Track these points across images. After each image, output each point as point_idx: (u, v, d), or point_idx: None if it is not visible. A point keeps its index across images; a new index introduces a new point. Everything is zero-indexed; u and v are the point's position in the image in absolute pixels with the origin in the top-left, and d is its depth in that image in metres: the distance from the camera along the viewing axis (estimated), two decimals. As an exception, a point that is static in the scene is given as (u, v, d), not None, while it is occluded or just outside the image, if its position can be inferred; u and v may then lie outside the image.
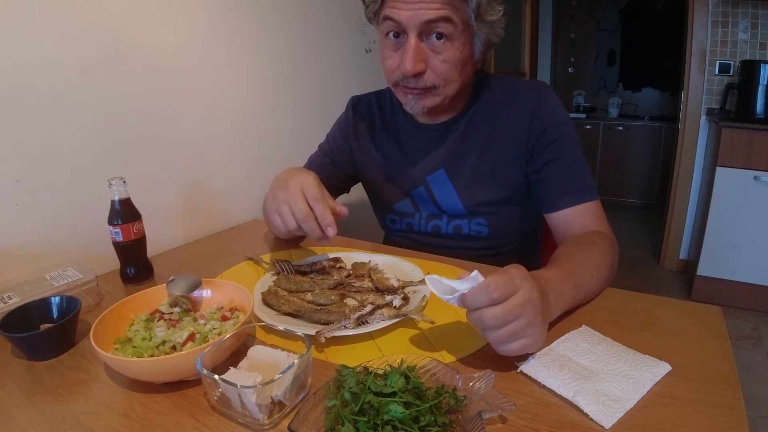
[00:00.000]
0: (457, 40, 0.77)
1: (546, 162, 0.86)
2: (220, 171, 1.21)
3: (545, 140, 0.86)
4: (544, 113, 0.86)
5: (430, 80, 0.80)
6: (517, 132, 0.87)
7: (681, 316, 0.68)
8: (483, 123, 0.91)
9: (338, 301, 0.72)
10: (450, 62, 0.79)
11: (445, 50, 0.78)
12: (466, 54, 0.81)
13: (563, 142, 0.86)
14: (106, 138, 0.94)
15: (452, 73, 0.80)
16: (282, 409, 0.50)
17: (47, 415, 0.53)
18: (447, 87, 0.82)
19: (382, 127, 1.02)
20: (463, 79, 0.83)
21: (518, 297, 0.53)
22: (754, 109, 2.27)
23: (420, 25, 0.75)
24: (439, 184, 0.94)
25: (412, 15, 0.74)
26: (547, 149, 0.86)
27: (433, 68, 0.79)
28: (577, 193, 0.84)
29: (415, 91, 0.82)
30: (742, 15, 2.36)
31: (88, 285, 0.78)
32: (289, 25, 1.37)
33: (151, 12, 0.99)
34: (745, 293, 2.34)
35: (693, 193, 2.68)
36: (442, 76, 0.80)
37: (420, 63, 0.78)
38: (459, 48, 0.78)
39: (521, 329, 0.53)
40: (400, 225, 1.03)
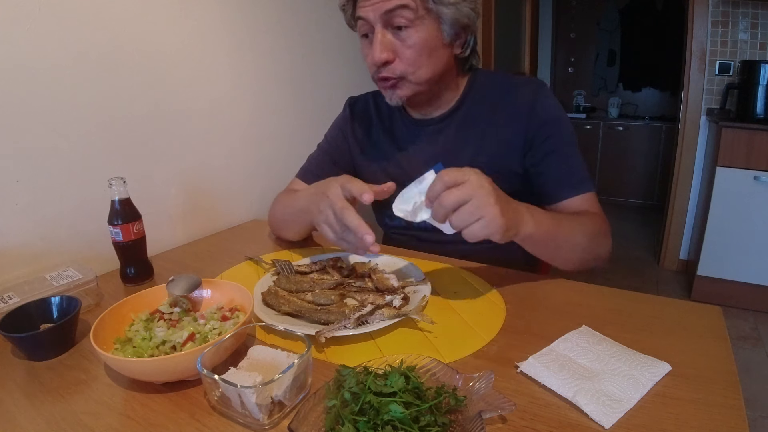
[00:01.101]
0: (419, 26, 0.80)
1: (544, 156, 0.88)
2: (220, 171, 1.21)
3: (543, 135, 0.88)
4: (542, 109, 0.88)
5: (399, 68, 0.83)
6: (515, 126, 0.89)
7: (681, 316, 0.68)
8: (479, 116, 0.92)
9: (338, 301, 0.72)
10: (415, 47, 0.81)
11: (409, 36, 0.80)
12: (433, 38, 0.82)
13: (561, 137, 0.88)
14: (107, 138, 0.94)
15: (420, 58, 0.82)
16: (282, 409, 0.50)
17: (47, 415, 0.53)
18: (417, 73, 0.84)
19: (379, 125, 1.03)
20: (435, 64, 0.84)
21: (470, 182, 0.62)
22: (754, 109, 2.26)
23: (382, 16, 0.79)
24: None
25: (374, 8, 0.79)
26: (545, 144, 0.88)
27: (400, 56, 0.82)
28: (575, 185, 0.87)
29: (389, 83, 0.85)
30: (742, 15, 2.36)
31: (88, 285, 0.78)
32: (288, 25, 1.37)
33: (151, 13, 0.99)
34: (745, 293, 2.34)
35: (693, 193, 2.67)
36: (410, 62, 0.82)
37: (386, 52, 0.81)
38: (422, 32, 0.80)
39: (476, 209, 0.61)
40: (399, 221, 1.02)
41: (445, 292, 0.78)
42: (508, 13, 3.23)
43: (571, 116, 4.18)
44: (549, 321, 0.68)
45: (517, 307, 0.73)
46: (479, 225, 0.62)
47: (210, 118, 1.16)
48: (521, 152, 0.90)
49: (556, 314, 0.70)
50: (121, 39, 0.94)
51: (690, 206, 2.70)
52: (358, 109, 1.06)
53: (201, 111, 1.14)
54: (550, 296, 0.76)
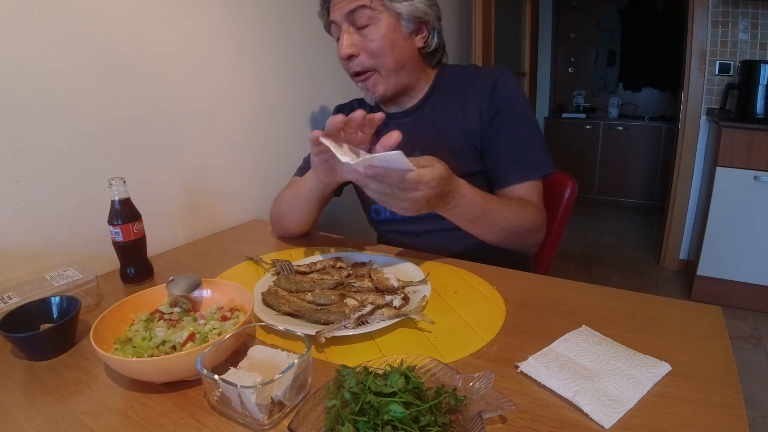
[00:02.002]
0: (379, 22, 0.89)
1: (495, 140, 0.94)
2: (220, 171, 1.21)
3: (498, 119, 0.93)
4: (503, 91, 0.94)
5: (365, 61, 0.91)
6: (478, 110, 0.95)
7: (681, 316, 0.68)
8: (447, 103, 0.99)
9: (338, 301, 0.72)
10: (377, 40, 0.89)
11: (371, 32, 0.89)
12: (392, 31, 0.90)
13: (515, 121, 0.93)
14: (107, 138, 0.94)
15: (383, 50, 0.90)
16: (282, 409, 0.50)
17: (47, 415, 0.53)
18: (384, 63, 0.91)
19: None
20: (398, 54, 0.92)
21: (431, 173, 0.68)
22: (754, 109, 2.26)
23: (346, 17, 0.88)
24: None
25: (339, 10, 0.89)
26: (497, 128, 0.94)
27: (365, 50, 0.90)
28: (519, 172, 0.93)
29: (361, 77, 0.94)
30: (742, 15, 2.36)
31: (88, 285, 0.78)
32: (289, 26, 1.37)
33: (151, 12, 0.99)
34: (745, 293, 2.34)
35: (693, 193, 2.67)
36: (374, 54, 0.90)
37: (351, 47, 0.90)
38: (383, 28, 0.89)
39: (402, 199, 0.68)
40: (385, 214, 1.07)
41: (445, 292, 0.78)
42: (508, 13, 3.23)
43: (571, 116, 4.21)
44: (549, 321, 0.68)
45: (517, 307, 0.73)
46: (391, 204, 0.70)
47: (210, 118, 1.16)
48: (481, 131, 0.95)
49: (556, 314, 0.70)
50: (121, 39, 0.94)
51: (690, 206, 2.70)
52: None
53: (201, 111, 1.14)
54: (550, 296, 0.76)
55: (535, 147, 0.93)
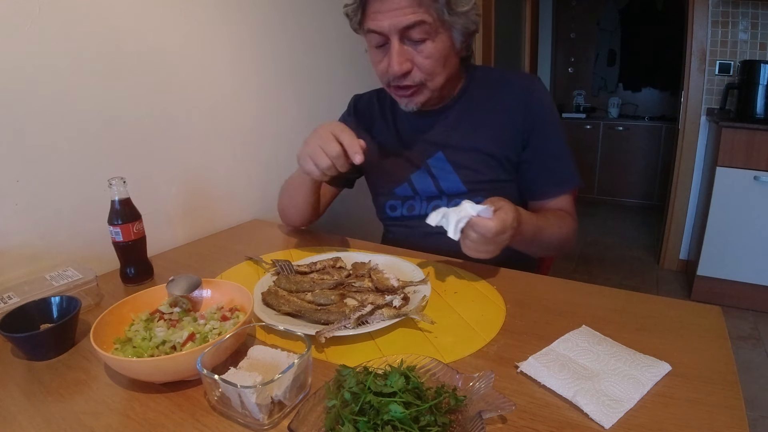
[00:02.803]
0: (435, 37, 0.84)
1: (535, 153, 0.95)
2: (220, 171, 1.21)
3: (537, 131, 0.94)
4: (538, 104, 0.94)
5: (417, 77, 0.87)
6: (512, 118, 0.94)
7: (681, 316, 0.68)
8: (477, 106, 0.98)
9: (338, 301, 0.72)
10: (432, 57, 0.85)
11: (426, 48, 0.84)
12: (447, 47, 0.87)
13: (551, 134, 0.95)
14: (107, 138, 0.94)
15: (437, 67, 0.87)
16: (282, 409, 0.50)
17: (47, 415, 0.53)
18: (434, 80, 0.89)
19: (381, 118, 1.08)
20: (447, 70, 0.90)
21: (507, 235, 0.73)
22: (754, 109, 2.26)
23: (399, 31, 0.82)
24: (439, 166, 0.99)
25: (391, 23, 0.81)
26: (536, 141, 0.94)
27: (418, 65, 0.86)
28: (557, 185, 0.96)
29: (407, 92, 0.90)
30: (742, 15, 2.36)
31: (88, 285, 0.78)
32: (289, 26, 1.37)
33: (152, 12, 0.99)
34: (745, 293, 2.34)
35: (693, 193, 2.67)
36: (427, 71, 0.87)
37: (405, 63, 0.85)
38: (439, 43, 0.85)
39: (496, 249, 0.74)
40: (401, 210, 1.06)
41: (445, 292, 0.78)
42: (508, 13, 3.23)
43: (571, 116, 4.20)
44: (549, 321, 0.68)
45: (517, 307, 0.73)
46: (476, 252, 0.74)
47: (210, 118, 1.16)
48: (518, 143, 0.95)
49: (556, 314, 0.70)
50: (122, 39, 0.94)
51: (690, 206, 2.70)
52: (361, 106, 1.12)
53: (201, 111, 1.14)
54: (550, 296, 0.76)
55: (569, 160, 0.96)
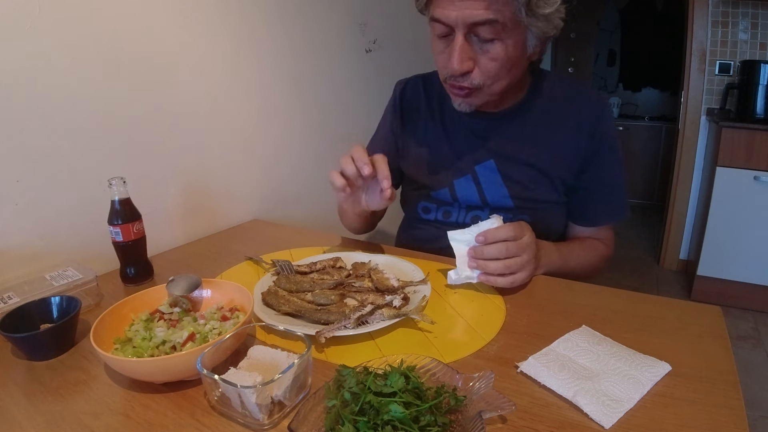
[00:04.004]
0: (506, 39, 0.75)
1: (594, 180, 0.91)
2: (220, 171, 1.21)
3: (599, 157, 0.89)
4: (605, 129, 0.89)
5: (477, 78, 0.79)
6: (575, 139, 0.89)
7: (681, 316, 0.68)
8: (539, 119, 0.90)
9: (338, 301, 0.72)
10: (498, 60, 0.77)
11: (494, 49, 0.76)
12: (517, 51, 0.78)
13: (614, 163, 0.91)
14: (107, 138, 0.94)
15: (501, 71, 0.78)
16: (282, 409, 0.50)
17: (47, 415, 0.53)
18: (494, 85, 0.81)
19: (428, 112, 0.99)
20: (512, 76, 0.81)
21: (526, 239, 0.74)
22: (754, 109, 2.26)
23: (467, 25, 0.74)
24: (488, 176, 0.92)
25: (459, 15, 0.73)
26: (598, 167, 0.90)
27: (481, 66, 0.78)
28: (609, 215, 0.94)
29: (463, 92, 0.81)
30: (742, 15, 2.36)
31: (88, 285, 0.78)
32: (289, 26, 1.37)
33: (151, 12, 0.99)
34: (745, 293, 2.34)
35: (693, 193, 2.67)
36: (489, 75, 0.78)
37: (467, 62, 0.77)
38: (509, 46, 0.76)
39: (523, 263, 0.73)
40: (436, 214, 0.99)
41: (445, 292, 0.78)
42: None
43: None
44: (549, 321, 0.68)
45: (517, 307, 0.73)
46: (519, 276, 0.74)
47: (210, 118, 1.16)
48: (576, 166, 0.90)
49: (556, 314, 0.70)
50: (122, 38, 0.94)
51: (690, 206, 2.70)
52: (407, 95, 1.03)
53: (201, 110, 1.14)
54: (550, 296, 0.76)
55: (623, 191, 0.93)
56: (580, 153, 0.89)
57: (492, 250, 0.72)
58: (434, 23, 0.78)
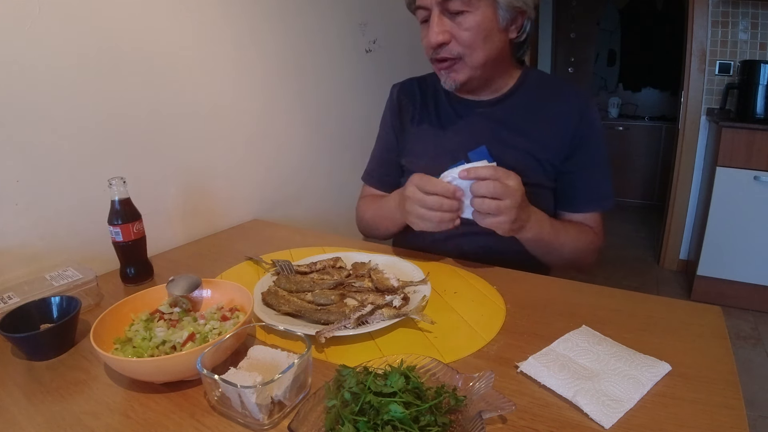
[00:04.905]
0: (475, 10, 0.83)
1: (581, 166, 0.94)
2: (220, 171, 1.21)
3: (586, 145, 0.93)
4: (591, 119, 0.93)
5: (455, 49, 0.86)
6: (564, 126, 0.93)
7: (681, 316, 0.68)
8: (529, 107, 0.95)
9: (338, 301, 0.72)
10: (471, 30, 0.84)
11: (466, 20, 0.83)
12: (489, 22, 0.84)
13: (597, 152, 0.95)
14: (107, 138, 0.94)
15: (475, 40, 0.85)
16: (282, 409, 0.50)
17: (47, 415, 0.53)
18: (473, 56, 0.86)
19: (422, 107, 1.04)
20: (489, 47, 0.87)
21: (512, 183, 0.75)
22: (754, 109, 2.26)
23: (438, 3, 0.82)
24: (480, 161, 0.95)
25: None
26: (584, 154, 0.94)
27: (457, 38, 0.85)
28: (596, 202, 0.97)
29: (445, 64, 0.88)
30: (742, 15, 2.36)
31: (88, 285, 0.78)
32: (290, 26, 1.37)
33: (152, 12, 0.99)
34: (745, 293, 2.33)
35: (693, 193, 2.67)
36: (465, 44, 0.85)
37: (443, 33, 0.84)
38: (479, 16, 0.83)
39: (506, 208, 0.74)
40: None
41: (445, 292, 0.78)
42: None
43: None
44: (549, 321, 0.68)
45: (517, 307, 0.73)
46: (492, 220, 0.75)
47: (210, 118, 1.16)
48: (565, 152, 0.94)
49: (556, 314, 0.70)
50: (122, 38, 0.94)
51: (690, 206, 2.70)
52: (403, 93, 1.08)
53: (201, 110, 1.14)
54: (550, 296, 0.76)
55: (609, 181, 0.97)
56: (567, 139, 0.93)
57: (479, 186, 0.74)
58: (417, 11, 0.87)
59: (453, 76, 0.89)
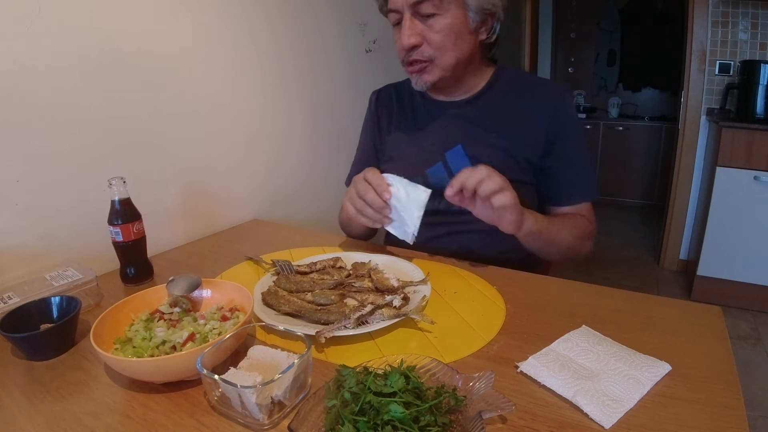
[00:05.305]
0: (445, 13, 0.84)
1: (560, 160, 0.95)
2: (220, 171, 1.21)
3: (562, 139, 0.94)
4: (565, 113, 0.94)
5: (426, 52, 0.87)
6: (538, 122, 0.93)
7: (681, 316, 0.68)
8: (503, 105, 0.96)
9: (338, 301, 0.72)
10: (442, 32, 0.85)
11: (437, 23, 0.85)
12: (459, 24, 0.86)
13: (576, 144, 0.95)
14: (107, 138, 0.94)
15: (447, 42, 0.86)
16: (282, 409, 0.50)
17: (47, 415, 0.53)
18: (444, 58, 0.88)
19: (399, 110, 1.07)
20: (460, 48, 0.88)
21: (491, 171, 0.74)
22: (754, 109, 2.26)
23: (410, 6, 0.84)
24: (458, 160, 0.97)
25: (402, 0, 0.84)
26: (562, 148, 0.94)
27: (428, 40, 0.87)
28: (581, 193, 0.96)
29: (416, 67, 0.90)
30: (742, 15, 2.36)
31: (88, 285, 0.78)
32: (290, 26, 1.37)
33: (152, 12, 0.99)
34: (745, 293, 2.33)
35: (693, 193, 2.67)
36: (437, 46, 0.87)
37: (414, 36, 0.86)
38: (449, 19, 0.85)
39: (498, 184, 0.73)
40: None
41: (445, 292, 0.78)
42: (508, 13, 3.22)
43: (570, 116, 4.20)
44: (549, 321, 0.68)
45: (517, 307, 0.73)
46: (502, 194, 0.74)
47: (210, 118, 1.16)
48: (541, 148, 0.94)
49: (556, 314, 0.70)
50: (122, 39, 0.94)
51: (690, 206, 2.70)
52: (381, 100, 1.11)
53: (201, 111, 1.14)
54: (550, 296, 0.76)
55: (591, 171, 0.98)
56: (542, 134, 0.93)
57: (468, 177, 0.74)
58: (389, 14, 0.89)
59: (424, 78, 0.91)
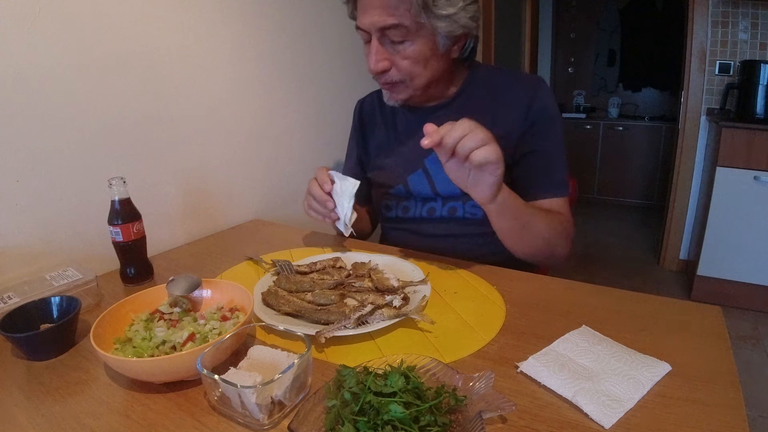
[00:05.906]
0: (414, 39, 0.82)
1: (532, 151, 0.92)
2: (220, 171, 1.21)
3: (534, 131, 0.91)
4: (540, 106, 0.91)
5: (395, 75, 0.87)
6: (514, 119, 0.92)
7: (681, 316, 0.68)
8: (479, 104, 0.95)
9: (338, 301, 0.72)
10: (411, 59, 0.84)
11: (404, 49, 0.83)
12: (428, 50, 0.84)
13: (549, 137, 0.92)
14: (107, 138, 0.94)
15: (415, 68, 0.86)
16: (282, 409, 0.50)
17: (47, 415, 0.53)
18: (414, 81, 0.88)
19: (381, 119, 1.07)
20: (430, 72, 0.88)
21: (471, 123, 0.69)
22: (754, 109, 2.26)
23: (378, 30, 0.82)
24: (436, 167, 0.96)
25: (370, 22, 0.82)
26: (533, 140, 0.91)
27: (396, 65, 0.86)
28: (552, 187, 0.92)
29: (387, 86, 0.90)
30: (742, 15, 2.36)
31: (88, 285, 0.78)
32: (290, 26, 1.37)
33: (152, 13, 0.99)
34: (745, 293, 2.33)
35: (693, 193, 2.67)
36: (405, 72, 0.86)
37: (382, 62, 0.85)
38: (417, 46, 0.83)
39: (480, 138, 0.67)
40: (396, 211, 1.05)
41: (445, 292, 0.78)
42: (508, 13, 3.23)
43: (570, 116, 4.20)
44: (549, 321, 0.68)
45: (517, 307, 0.73)
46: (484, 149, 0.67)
47: (210, 118, 1.16)
48: (513, 141, 0.92)
49: (556, 314, 0.70)
50: (122, 39, 0.94)
51: (690, 206, 2.70)
52: (365, 112, 1.12)
53: (202, 111, 1.14)
54: (550, 296, 0.76)
55: (564, 166, 0.94)
56: (516, 129, 0.91)
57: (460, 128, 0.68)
58: (358, 31, 0.88)
59: (395, 96, 0.91)
